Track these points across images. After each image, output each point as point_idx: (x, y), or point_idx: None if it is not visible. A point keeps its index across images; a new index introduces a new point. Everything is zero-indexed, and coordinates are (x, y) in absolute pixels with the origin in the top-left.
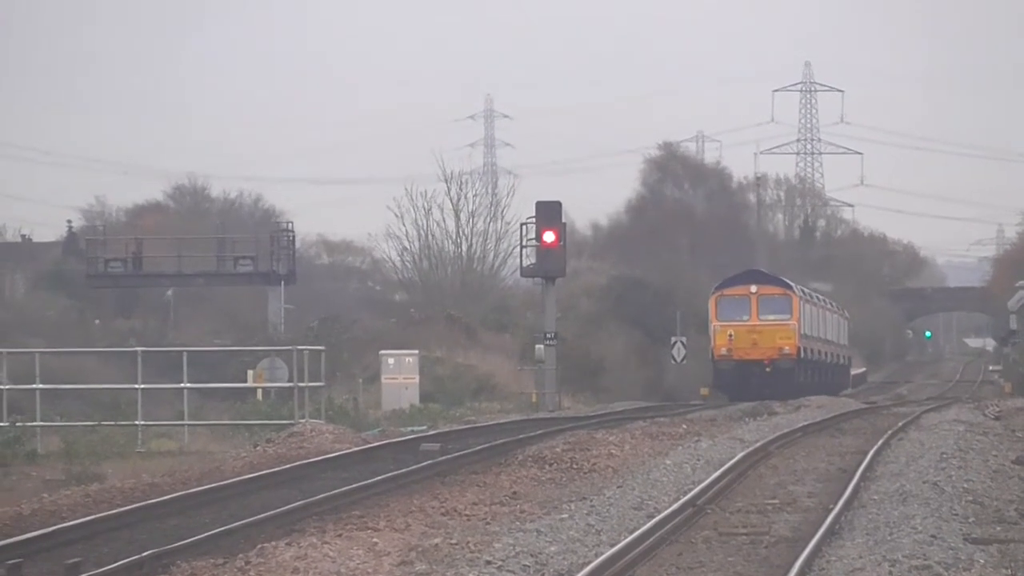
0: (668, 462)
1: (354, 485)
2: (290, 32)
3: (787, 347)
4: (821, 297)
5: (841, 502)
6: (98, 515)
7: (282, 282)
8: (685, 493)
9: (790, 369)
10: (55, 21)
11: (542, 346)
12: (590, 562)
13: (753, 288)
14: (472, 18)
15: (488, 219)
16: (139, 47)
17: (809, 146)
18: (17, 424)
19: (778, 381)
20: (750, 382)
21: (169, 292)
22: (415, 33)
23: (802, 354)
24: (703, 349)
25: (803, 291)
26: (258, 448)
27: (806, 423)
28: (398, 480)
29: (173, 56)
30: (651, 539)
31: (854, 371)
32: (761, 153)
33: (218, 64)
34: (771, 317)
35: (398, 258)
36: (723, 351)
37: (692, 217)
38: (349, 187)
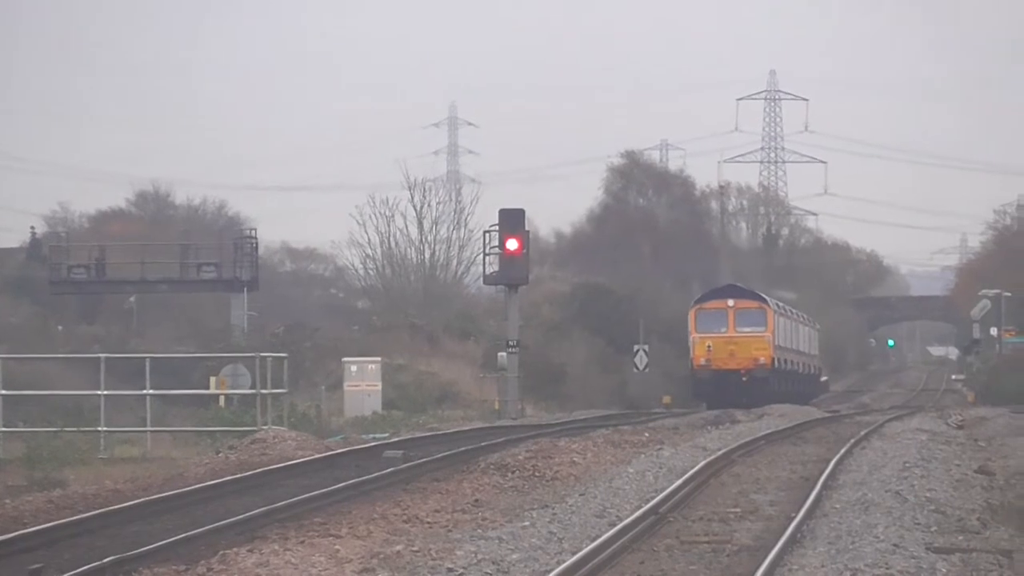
0: (630, 470)
1: (316, 492)
2: (256, 39)
3: (762, 358)
4: (794, 310)
5: (803, 511)
6: (60, 521)
7: (245, 289)
8: (647, 501)
9: (765, 378)
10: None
11: (505, 354)
12: (552, 570)
13: (730, 302)
14: (438, 27)
15: (451, 226)
16: (104, 54)
17: (773, 155)
18: None
19: (754, 389)
20: (727, 390)
21: (132, 299)
22: (382, 41)
23: (776, 364)
24: (665, 357)
25: (777, 305)
26: (220, 455)
27: (769, 431)
28: (360, 487)
29: (138, 63)
30: (613, 547)
31: None
32: (725, 161)
33: (183, 71)
34: (747, 329)
35: (361, 265)
36: (702, 361)
37: (655, 225)
38: (314, 194)
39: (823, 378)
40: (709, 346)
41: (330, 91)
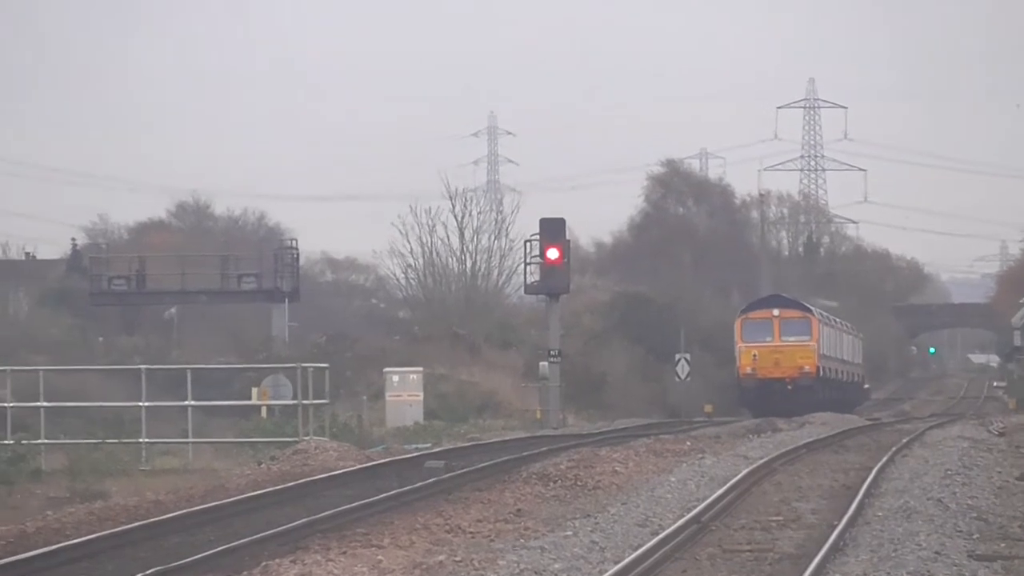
0: (672, 479)
1: (358, 503)
2: (294, 50)
3: (807, 366)
4: (838, 319)
5: (845, 519)
6: (102, 533)
7: (286, 299)
8: (689, 510)
9: (810, 387)
10: (59, 38)
11: (546, 363)
12: None
13: (776, 312)
14: (476, 35)
15: (492, 236)
16: (142, 65)
17: (812, 163)
18: (22, 442)
19: (799, 398)
20: (773, 399)
21: (173, 310)
22: (419, 50)
23: (821, 372)
24: (706, 366)
25: (822, 314)
26: (262, 466)
27: (810, 440)
28: (402, 497)
29: (177, 73)
30: (655, 556)
31: None
32: (765, 170)
33: (222, 81)
34: (792, 338)
35: (402, 275)
36: (748, 370)
37: (695, 234)
38: (354, 204)
39: (865, 386)
40: (755, 355)
41: (368, 101)
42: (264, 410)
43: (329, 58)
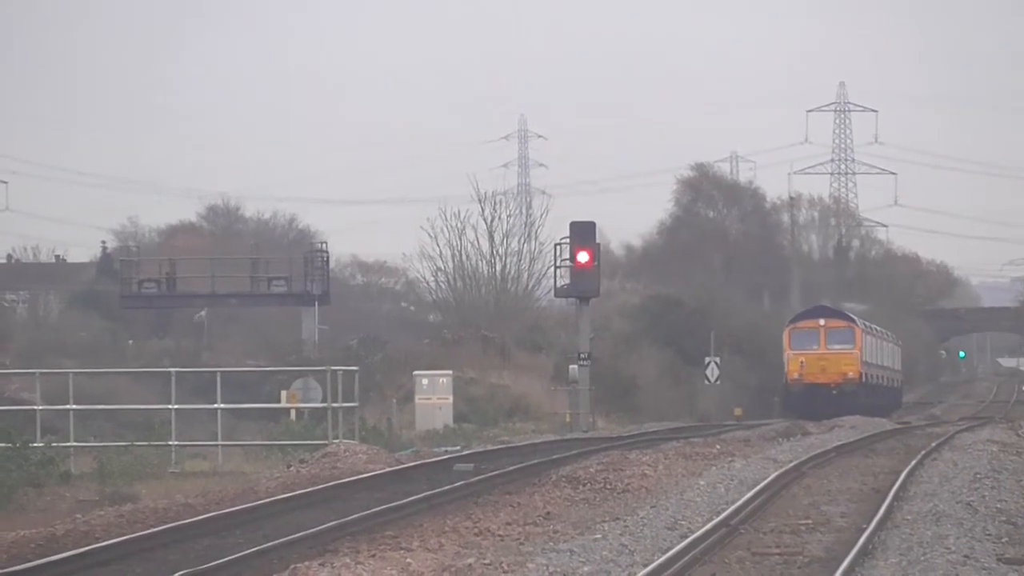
0: (702, 482)
1: (387, 505)
2: (324, 53)
3: (851, 372)
4: (879, 328)
5: (874, 522)
6: (132, 535)
7: (316, 303)
8: (718, 513)
9: (854, 391)
10: (87, 43)
11: (576, 366)
12: None
13: (822, 321)
14: (506, 38)
15: (522, 239)
16: (171, 70)
17: (843, 166)
18: (51, 445)
19: (843, 402)
20: (818, 403)
21: (203, 312)
22: (451, 54)
23: (864, 379)
24: (736, 369)
25: (865, 324)
26: (291, 468)
27: (839, 443)
28: (431, 500)
29: (204, 78)
30: (684, 559)
31: None
32: (795, 173)
33: (253, 85)
34: (837, 347)
35: (432, 278)
36: (795, 376)
37: (726, 237)
38: (383, 208)
39: None
40: (802, 362)
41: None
42: (293, 413)
43: (360, 61)
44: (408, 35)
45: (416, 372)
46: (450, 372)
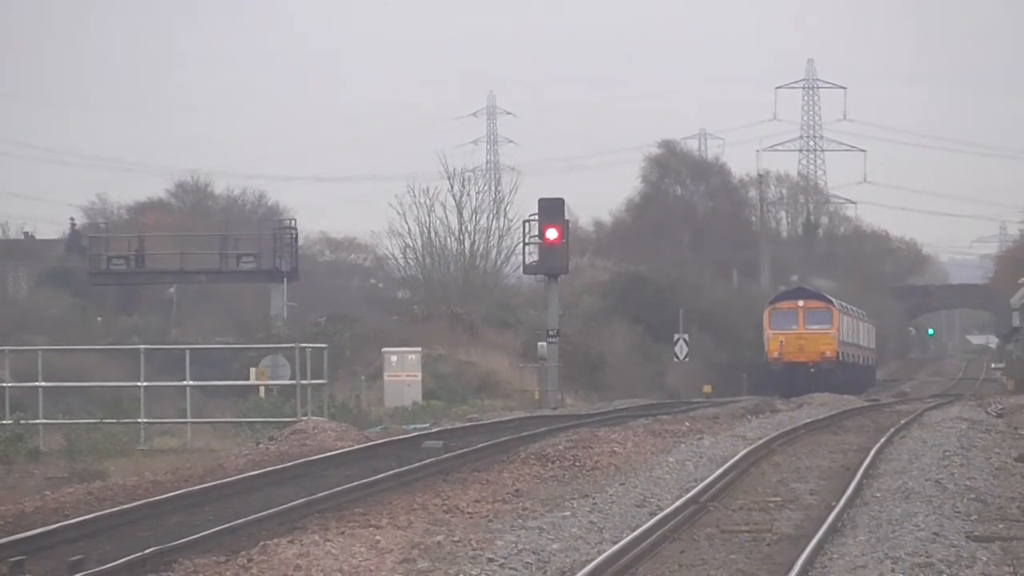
0: (671, 460)
1: (357, 483)
2: (291, 30)
3: (828, 352)
4: (855, 309)
5: (843, 500)
6: (101, 512)
7: (285, 279)
8: (687, 491)
9: (831, 370)
10: (57, 19)
11: (544, 343)
12: (592, 560)
13: (800, 303)
14: (475, 16)
15: (491, 216)
16: (141, 45)
17: (811, 143)
18: (20, 422)
19: (820, 379)
20: (797, 381)
21: (172, 289)
22: (418, 31)
23: (840, 357)
24: (705, 347)
25: (841, 305)
26: (260, 446)
27: (808, 420)
28: (401, 478)
29: (174, 54)
30: (653, 536)
31: None
32: (763, 150)
33: (220, 62)
34: (815, 327)
35: (401, 255)
36: (775, 355)
37: (694, 214)
38: (352, 185)
39: None
40: (782, 342)
41: (368, 82)
42: (262, 390)
43: (328, 40)
44: (377, 12)
45: (385, 349)
46: (419, 349)
